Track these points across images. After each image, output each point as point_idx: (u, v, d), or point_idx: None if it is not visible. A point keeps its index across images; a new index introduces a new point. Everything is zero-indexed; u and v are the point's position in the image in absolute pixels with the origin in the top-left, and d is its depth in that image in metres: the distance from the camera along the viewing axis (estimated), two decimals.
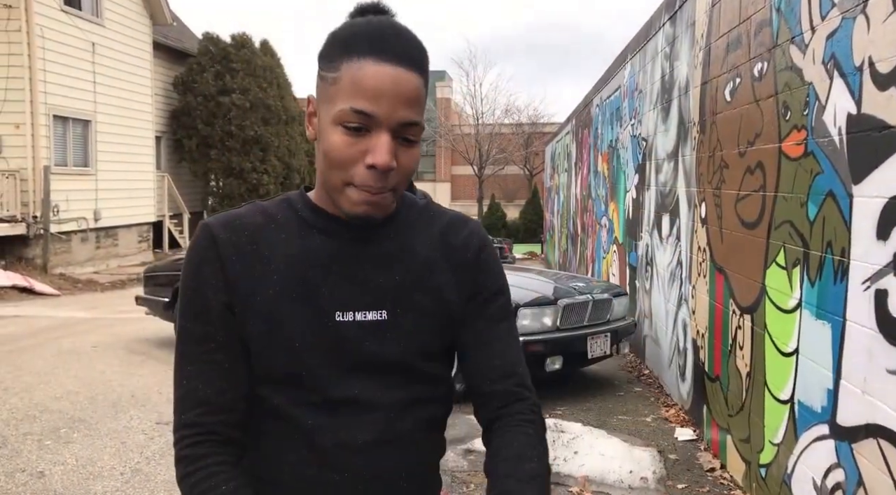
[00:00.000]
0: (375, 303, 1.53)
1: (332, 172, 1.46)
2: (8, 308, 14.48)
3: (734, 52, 5.72)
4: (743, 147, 5.44)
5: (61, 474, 5.87)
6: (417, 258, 1.60)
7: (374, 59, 1.40)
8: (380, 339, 1.53)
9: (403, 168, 1.46)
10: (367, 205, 1.45)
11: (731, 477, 5.75)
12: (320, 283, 1.51)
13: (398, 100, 1.41)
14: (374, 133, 1.41)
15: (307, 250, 1.53)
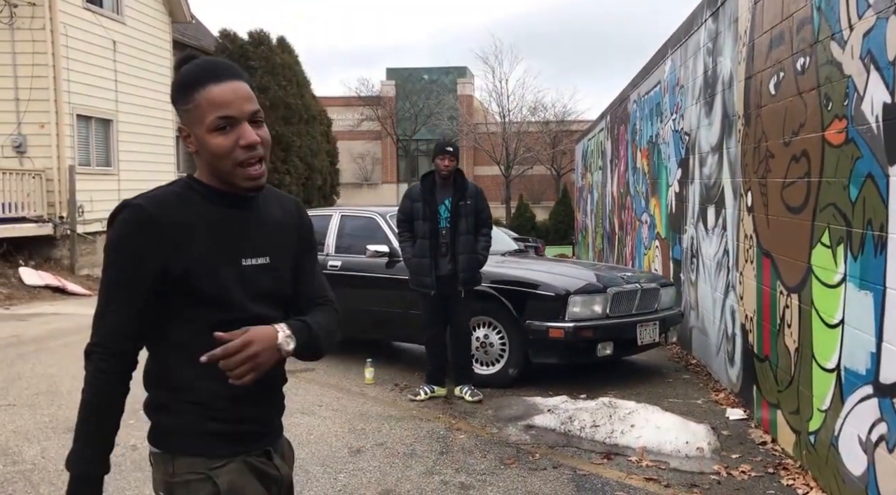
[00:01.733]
0: (262, 251, 2.45)
1: (221, 163, 2.32)
2: (46, 306, 15.35)
3: (777, 47, 6.48)
4: (788, 137, 6.20)
5: None
6: (274, 219, 2.52)
7: (214, 82, 2.28)
8: (267, 276, 2.45)
9: (265, 140, 2.35)
10: (254, 179, 2.35)
11: (782, 449, 6.51)
12: (229, 239, 2.39)
13: (242, 100, 2.31)
14: (237, 126, 2.30)
15: (214, 216, 2.38)
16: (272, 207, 2.53)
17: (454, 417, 7.69)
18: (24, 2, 18.32)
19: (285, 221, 2.56)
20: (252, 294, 2.40)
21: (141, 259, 2.29)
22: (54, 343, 11.19)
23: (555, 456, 6.58)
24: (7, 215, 17.63)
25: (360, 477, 6.09)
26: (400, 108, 53.24)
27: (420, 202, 8.20)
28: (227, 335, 2.22)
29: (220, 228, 2.39)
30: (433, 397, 8.30)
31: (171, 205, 2.35)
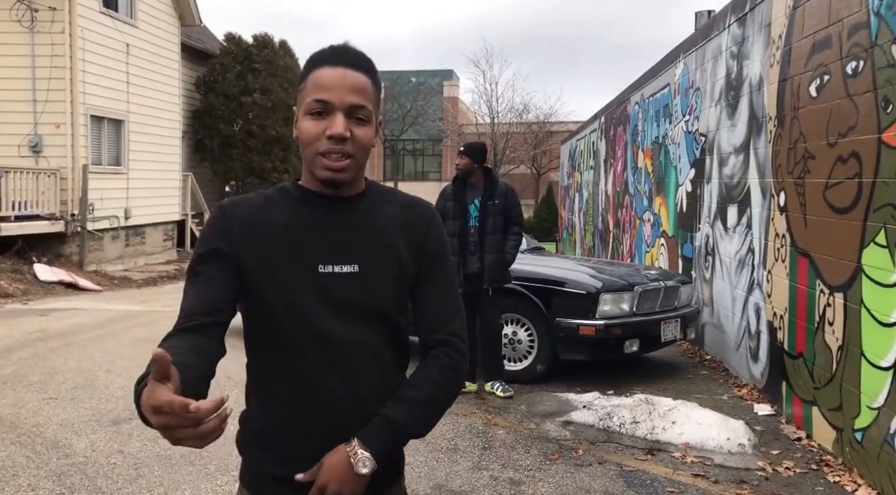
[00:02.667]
0: (349, 258, 2.08)
1: (306, 150, 2.05)
2: (62, 301, 15.08)
3: (822, 51, 6.30)
4: (833, 138, 6.02)
5: None
6: (381, 225, 2.14)
7: (328, 65, 2.04)
8: (351, 287, 2.06)
9: (359, 140, 2.03)
10: (331, 171, 2.02)
11: (819, 445, 6.34)
12: (307, 242, 2.06)
13: (346, 89, 2.01)
14: (332, 115, 2.00)
15: (296, 218, 2.09)
16: (382, 211, 2.17)
17: (489, 413, 7.50)
18: (44, 7, 18.04)
19: (397, 229, 2.15)
20: (330, 305, 2.04)
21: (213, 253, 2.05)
22: (80, 337, 10.93)
23: (598, 451, 6.40)
24: (22, 213, 17.38)
25: (409, 473, 5.87)
26: (388, 109, 53.36)
27: (451, 201, 8.01)
28: (304, 477, 1.97)
29: (299, 229, 2.08)
30: (464, 392, 8.10)
31: (252, 204, 2.13)
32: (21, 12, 18.05)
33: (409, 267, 2.15)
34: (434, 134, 54.30)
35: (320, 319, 2.02)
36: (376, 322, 2.09)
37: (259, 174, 27.61)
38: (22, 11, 18.05)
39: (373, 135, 2.08)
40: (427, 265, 2.19)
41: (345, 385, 2.05)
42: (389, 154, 55.39)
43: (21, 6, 18.00)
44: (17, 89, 18.15)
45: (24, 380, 8.36)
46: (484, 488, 5.60)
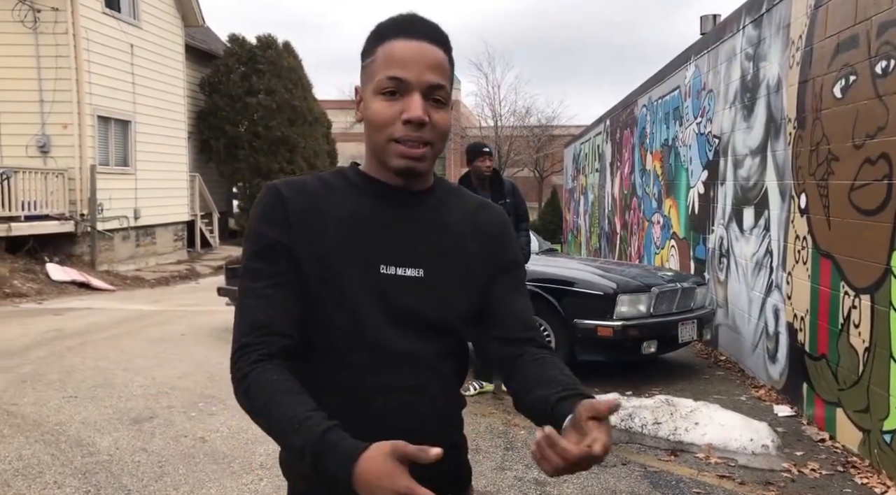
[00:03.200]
0: (415, 261, 1.80)
1: (376, 135, 1.76)
2: (76, 301, 15.07)
3: (847, 51, 6.25)
4: (860, 140, 5.97)
5: (221, 439, 6.42)
6: (452, 227, 1.88)
7: (402, 37, 1.74)
8: (415, 293, 1.78)
9: (437, 125, 1.75)
10: (408, 159, 1.74)
11: (844, 447, 6.28)
12: (368, 239, 1.78)
13: (425, 66, 1.72)
14: (408, 95, 1.72)
15: (358, 210, 1.80)
16: (453, 211, 1.91)
17: (507, 413, 7.44)
18: (47, 7, 18.00)
19: (470, 233, 1.90)
20: (389, 312, 1.76)
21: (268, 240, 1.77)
22: (96, 336, 10.88)
23: (620, 452, 6.34)
24: (32, 213, 17.38)
25: None
26: None
27: None
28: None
29: (360, 223, 1.80)
30: (482, 392, 8.05)
31: (310, 190, 1.82)
32: (23, 13, 18.03)
33: (481, 274, 1.90)
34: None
35: (377, 327, 1.76)
36: (439, 333, 1.83)
37: (266, 175, 27.54)
38: (24, 12, 18.04)
39: (450, 119, 1.81)
40: (504, 271, 1.96)
41: (399, 401, 1.78)
42: None
43: (23, 6, 17.97)
44: (24, 89, 18.12)
45: (43, 379, 8.31)
46: (509, 488, 5.56)
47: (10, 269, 16.15)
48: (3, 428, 6.65)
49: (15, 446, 6.21)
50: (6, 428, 6.65)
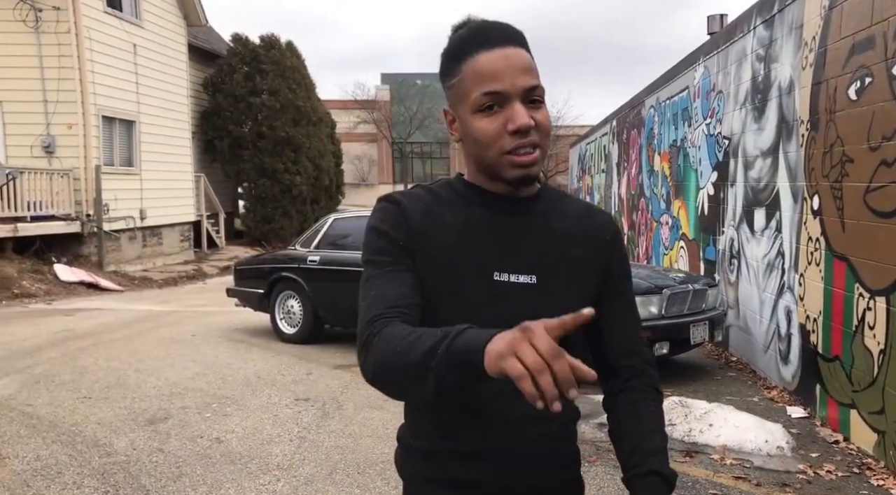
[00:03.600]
0: (527, 267, 1.81)
1: (485, 152, 1.76)
2: (85, 301, 15.14)
3: (863, 52, 6.27)
4: (876, 141, 5.99)
5: (237, 440, 6.46)
6: (560, 233, 1.88)
7: (483, 49, 1.72)
8: (529, 300, 1.78)
9: (541, 125, 1.74)
10: (522, 168, 1.74)
11: (859, 448, 6.31)
12: (480, 247, 1.79)
13: (515, 71, 1.71)
14: (508, 105, 1.71)
15: (469, 219, 1.81)
16: (560, 217, 1.91)
17: None
18: (48, 6, 18.03)
19: (578, 238, 1.90)
20: (503, 319, 1.64)
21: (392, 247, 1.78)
22: (107, 337, 10.93)
23: None
24: (38, 213, 17.44)
25: None
26: (395, 111, 53.50)
27: None
28: None
29: (471, 232, 1.82)
30: None
31: (423, 200, 1.84)
32: (24, 12, 18.04)
33: (592, 282, 1.91)
34: (441, 137, 54.32)
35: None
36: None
37: (271, 175, 27.60)
38: (25, 11, 18.04)
39: (549, 115, 1.80)
40: (613, 282, 1.95)
41: (508, 405, 1.76)
42: (398, 157, 55.43)
43: (24, 6, 17.97)
44: (28, 89, 18.17)
45: (56, 379, 8.35)
46: None
47: (19, 270, 16.20)
48: (19, 429, 6.69)
49: (32, 446, 6.25)
50: (23, 429, 6.69)
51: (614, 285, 1.95)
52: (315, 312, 10.50)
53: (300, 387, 8.24)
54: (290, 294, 10.76)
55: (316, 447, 6.35)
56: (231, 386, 8.18)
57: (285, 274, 10.73)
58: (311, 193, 29.14)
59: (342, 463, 6.01)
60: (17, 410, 7.23)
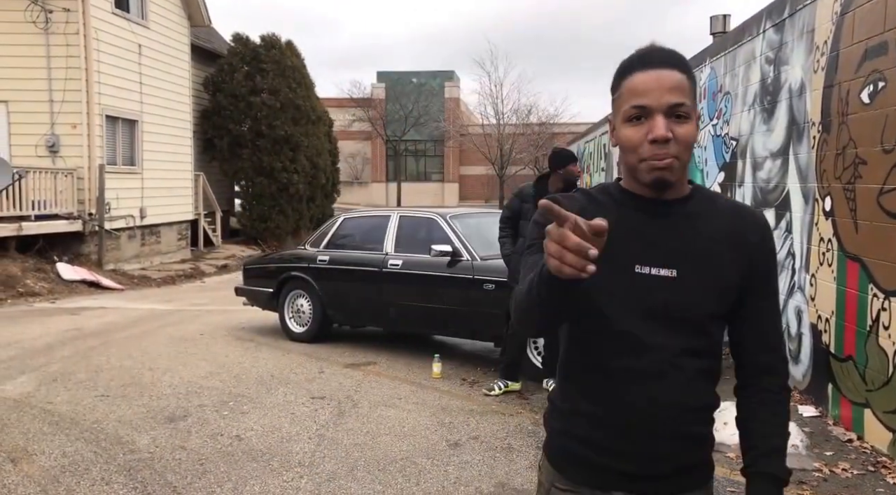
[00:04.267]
0: (668, 262, 2.03)
1: (629, 156, 2.02)
2: (89, 300, 15.24)
3: (876, 57, 6.38)
4: (889, 144, 6.10)
5: (256, 438, 6.55)
6: (705, 232, 2.07)
7: (641, 70, 2.00)
8: (667, 291, 2.01)
9: (681, 138, 1.97)
10: (657, 171, 1.98)
11: (872, 447, 6.41)
12: (625, 243, 2.01)
13: (663, 90, 1.96)
14: (651, 118, 1.96)
15: (617, 219, 1.97)
16: (709, 217, 2.10)
17: (535, 412, 7.58)
18: (58, 8, 18.15)
19: (724, 238, 2.09)
20: (643, 309, 2.02)
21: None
22: (116, 336, 11.01)
23: None
24: (42, 212, 17.55)
25: (470, 471, 5.97)
26: (389, 109, 53.63)
27: (530, 203, 7.98)
28: None
29: (620, 231, 1.98)
30: (507, 391, 8.17)
31: (577, 202, 2.10)
32: (35, 13, 18.20)
33: (734, 280, 2.08)
34: (436, 135, 54.48)
35: (626, 319, 2.02)
36: (685, 330, 2.04)
37: (269, 174, 27.67)
38: (36, 13, 18.22)
39: (695, 131, 2.02)
40: (757, 282, 2.12)
41: (638, 386, 2.03)
42: (391, 154, 55.57)
43: (35, 7, 18.13)
44: (34, 89, 18.33)
45: (72, 378, 8.44)
46: None
47: (22, 269, 16.28)
48: (42, 426, 6.77)
49: (58, 443, 6.33)
50: (45, 426, 6.77)
51: (757, 284, 2.13)
52: (324, 311, 10.58)
53: (314, 386, 8.33)
54: (299, 293, 10.85)
55: (335, 444, 6.44)
56: (245, 385, 8.28)
57: (295, 273, 10.82)
58: (308, 192, 29.24)
59: (362, 460, 6.11)
60: (38, 408, 7.32)
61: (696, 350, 2.06)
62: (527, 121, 47.99)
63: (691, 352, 2.05)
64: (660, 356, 2.02)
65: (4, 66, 18.30)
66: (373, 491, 5.50)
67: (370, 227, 10.66)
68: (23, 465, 5.85)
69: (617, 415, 2.05)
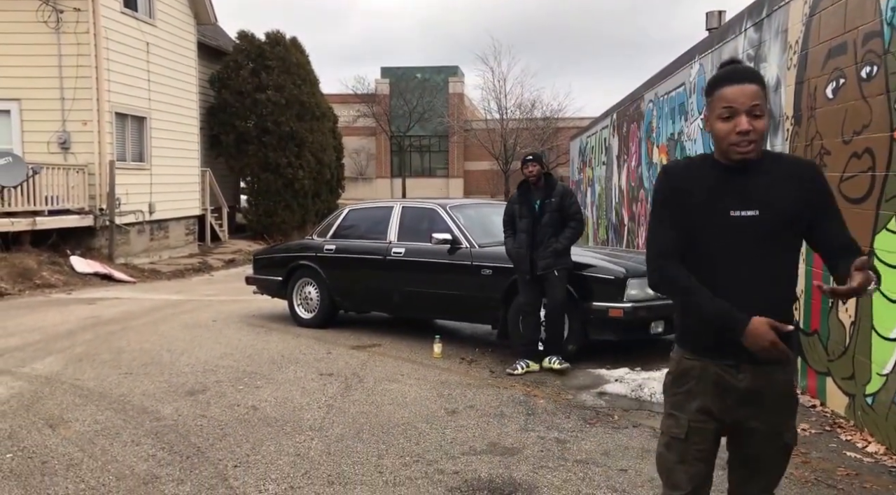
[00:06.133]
0: (752, 205, 3.02)
1: (720, 143, 3.04)
2: (102, 291, 15.97)
3: (838, 56, 7.06)
4: (848, 136, 6.79)
5: (270, 408, 7.25)
6: (776, 180, 3.04)
7: (728, 84, 2.99)
8: (753, 226, 2.99)
9: (758, 129, 2.97)
10: (741, 154, 3.00)
11: (832, 411, 7.10)
12: (721, 194, 3.03)
13: (746, 97, 2.96)
14: (736, 117, 2.96)
15: (715, 180, 3.07)
16: (775, 170, 3.06)
17: (528, 385, 8.24)
18: (69, 8, 18.86)
19: (788, 181, 3.03)
20: (739, 241, 3.00)
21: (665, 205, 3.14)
22: (134, 323, 11.73)
23: (632, 417, 7.16)
24: (55, 207, 18.26)
25: (465, 433, 6.65)
26: (394, 105, 54.01)
27: (518, 204, 8.99)
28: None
29: (715, 187, 3.05)
30: (528, 371, 8.80)
31: (683, 167, 3.21)
32: (47, 13, 18.91)
33: (800, 210, 3.02)
34: (440, 130, 54.94)
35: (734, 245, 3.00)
36: (774, 250, 3.01)
37: (274, 169, 28.28)
38: (48, 13, 18.92)
39: (767, 123, 3.04)
40: (820, 205, 3.06)
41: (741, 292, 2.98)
42: (396, 150, 56.03)
43: (47, 8, 18.84)
44: (46, 88, 19.03)
45: (97, 358, 9.16)
46: (533, 445, 6.35)
47: (38, 262, 17.00)
48: (74, 399, 7.48)
49: (89, 412, 7.05)
50: (77, 399, 7.49)
51: (821, 206, 3.08)
52: (331, 298, 11.29)
53: (322, 364, 9.04)
54: (307, 281, 11.55)
55: (343, 413, 7.15)
56: (258, 364, 8.98)
57: (303, 262, 11.53)
58: (313, 187, 29.86)
59: (367, 425, 6.80)
60: (68, 384, 8.02)
61: (782, 265, 3.07)
62: (530, 115, 48.54)
63: (779, 267, 3.05)
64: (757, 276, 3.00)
65: (17, 65, 19.02)
66: (377, 450, 6.18)
67: (374, 218, 11.38)
68: (60, 430, 6.56)
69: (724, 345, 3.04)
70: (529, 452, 6.18)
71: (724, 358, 3.07)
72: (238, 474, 5.60)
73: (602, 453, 6.19)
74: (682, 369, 3.19)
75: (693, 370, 3.14)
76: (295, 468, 5.75)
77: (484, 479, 5.55)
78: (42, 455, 5.97)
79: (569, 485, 5.47)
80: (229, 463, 5.84)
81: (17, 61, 19.03)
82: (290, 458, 5.96)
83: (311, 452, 6.10)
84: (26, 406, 7.25)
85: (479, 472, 5.69)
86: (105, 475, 5.57)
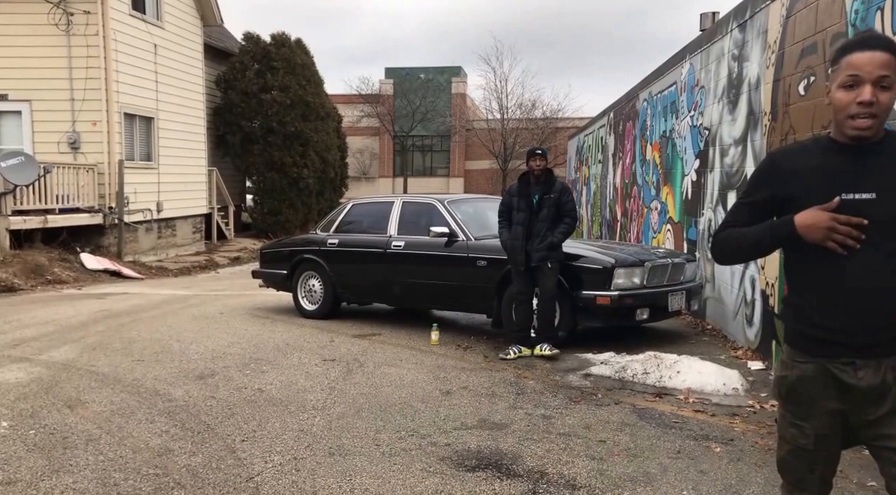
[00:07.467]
0: (868, 188, 2.78)
1: (838, 114, 2.79)
2: (112, 287, 16.42)
3: (809, 55, 7.50)
4: (817, 131, 7.21)
5: (276, 390, 7.68)
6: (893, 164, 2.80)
7: (857, 50, 2.74)
8: (868, 209, 2.75)
9: (882, 103, 2.72)
10: (858, 129, 2.75)
11: None
12: (831, 177, 2.82)
13: (874, 66, 2.69)
14: (860, 86, 2.71)
15: (825, 161, 2.86)
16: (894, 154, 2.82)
17: (519, 369, 8.66)
18: (79, 11, 19.34)
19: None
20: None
21: (757, 186, 3.04)
22: (143, 315, 12.16)
23: (614, 395, 7.58)
24: (65, 206, 18.74)
25: (458, 410, 7.07)
26: (397, 105, 54.31)
27: (517, 196, 9.34)
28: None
29: (826, 169, 2.84)
30: (520, 357, 9.20)
31: (792, 152, 3.03)
32: (57, 16, 19.39)
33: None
34: (443, 130, 55.24)
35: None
36: (887, 235, 2.77)
37: (279, 168, 28.73)
38: (58, 15, 19.41)
39: (894, 98, 2.75)
40: None
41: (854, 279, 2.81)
42: (399, 150, 56.37)
43: (57, 10, 19.32)
44: (56, 89, 19.55)
45: (109, 347, 9.59)
46: (521, 421, 6.76)
47: (49, 259, 17.46)
48: (90, 382, 7.91)
49: (105, 395, 7.47)
50: (92, 382, 7.91)
51: None
52: (334, 290, 11.72)
53: (325, 351, 9.46)
54: (311, 274, 11.98)
55: (344, 394, 7.57)
56: (264, 351, 9.40)
57: (307, 255, 11.97)
58: (318, 186, 30.34)
59: (367, 405, 7.23)
60: (83, 370, 8.45)
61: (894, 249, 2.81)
62: (531, 115, 48.90)
63: (890, 250, 2.80)
64: (869, 256, 2.79)
65: (28, 67, 19.51)
66: (375, 426, 6.60)
67: (375, 212, 11.82)
68: (78, 410, 6.99)
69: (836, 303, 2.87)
70: (517, 427, 6.59)
71: (839, 356, 2.87)
72: (245, 447, 6.02)
73: (584, 427, 6.60)
74: (797, 374, 2.99)
75: (809, 373, 2.95)
76: (298, 442, 6.16)
77: (473, 450, 5.98)
78: (63, 431, 6.39)
79: (551, 454, 5.89)
80: (237, 437, 6.26)
81: (29, 63, 19.51)
82: (294, 433, 6.37)
83: (314, 428, 6.52)
84: (46, 389, 7.67)
85: (469, 444, 6.11)
86: (122, 448, 5.98)
